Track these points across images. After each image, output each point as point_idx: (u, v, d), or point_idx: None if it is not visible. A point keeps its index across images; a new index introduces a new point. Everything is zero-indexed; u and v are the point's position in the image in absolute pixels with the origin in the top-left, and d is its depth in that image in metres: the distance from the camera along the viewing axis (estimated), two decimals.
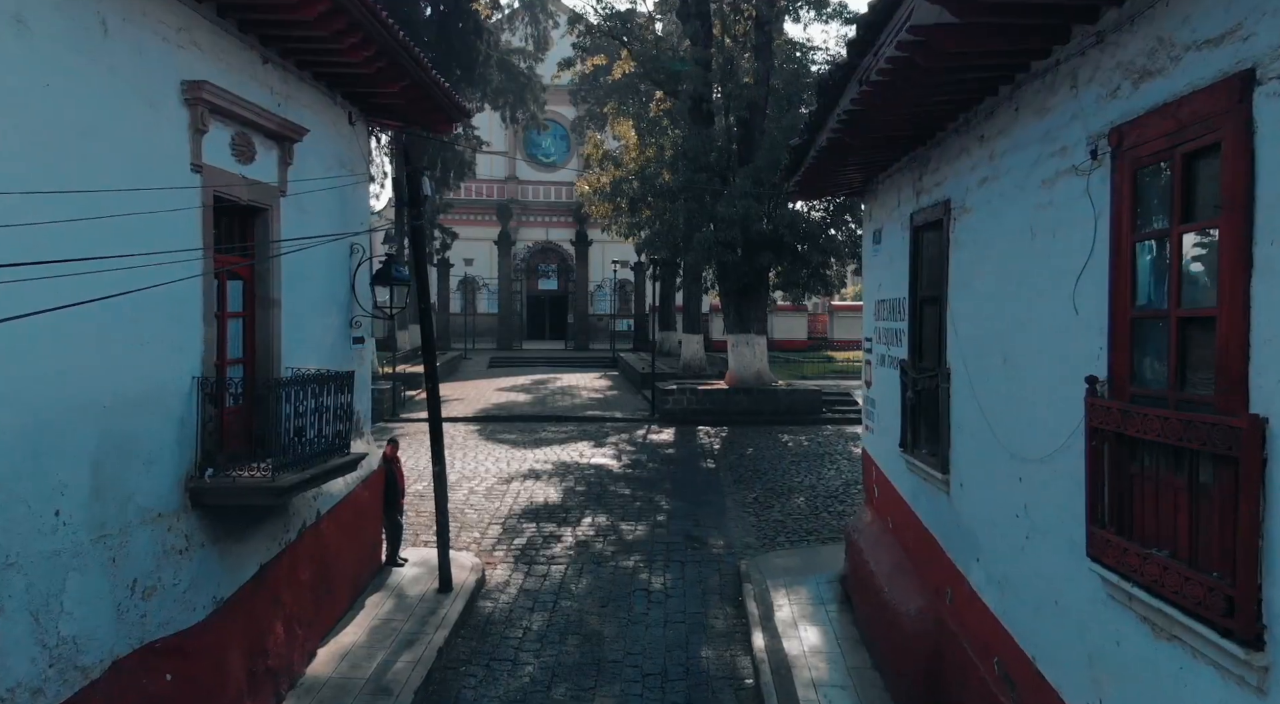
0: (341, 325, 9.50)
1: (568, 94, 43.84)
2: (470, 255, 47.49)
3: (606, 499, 13.59)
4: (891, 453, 8.38)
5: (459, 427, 20.41)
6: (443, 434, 10.09)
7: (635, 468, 15.85)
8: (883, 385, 8.82)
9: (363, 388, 10.10)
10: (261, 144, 7.70)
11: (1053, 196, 5.01)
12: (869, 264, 9.60)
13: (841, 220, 20.79)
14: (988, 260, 6.01)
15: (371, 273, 9.82)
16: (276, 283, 7.99)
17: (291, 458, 7.12)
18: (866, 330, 9.78)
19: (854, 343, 42.25)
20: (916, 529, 7.62)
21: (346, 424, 8.06)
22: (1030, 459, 5.22)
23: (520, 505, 13.19)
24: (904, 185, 8.13)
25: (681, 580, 10.29)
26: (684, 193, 19.99)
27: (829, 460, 16.28)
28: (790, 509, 12.94)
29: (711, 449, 17.86)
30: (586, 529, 12.11)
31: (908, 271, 7.84)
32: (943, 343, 6.94)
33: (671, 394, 21.77)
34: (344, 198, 9.52)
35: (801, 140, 8.24)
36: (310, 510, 8.38)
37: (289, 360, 8.15)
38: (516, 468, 15.62)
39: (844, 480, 14.54)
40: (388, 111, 10.27)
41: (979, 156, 6.20)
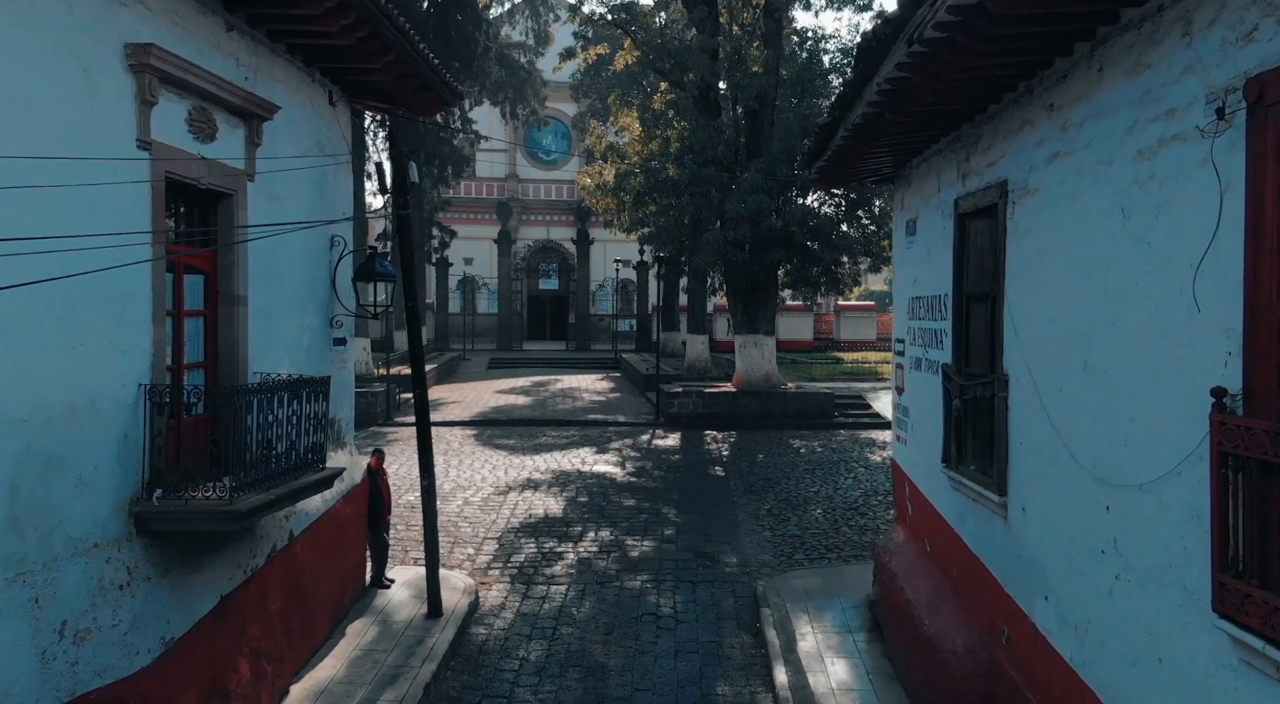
0: (320, 325, 8.65)
1: (569, 90, 43.06)
2: (470, 255, 46.75)
3: (610, 511, 12.73)
4: (930, 468, 7.52)
5: (455, 431, 19.56)
6: (431, 444, 9.24)
7: (640, 476, 14.99)
8: (919, 392, 7.96)
9: (344, 394, 9.25)
10: (225, 121, 6.84)
11: (1154, 170, 4.14)
12: (901, 258, 8.73)
13: (854, 216, 19.92)
14: (1060, 249, 5.15)
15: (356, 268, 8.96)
16: (242, 277, 7.14)
17: (256, 475, 6.27)
18: (897, 331, 8.91)
19: (861, 344, 41.37)
20: (962, 555, 6.75)
21: (322, 435, 7.20)
22: (1123, 485, 4.36)
23: (518, 518, 12.33)
24: (945, 168, 7.27)
25: (693, 604, 9.43)
26: (690, 187, 19.12)
27: (845, 468, 15.41)
28: (807, 523, 12.07)
29: (720, 455, 16.99)
30: (589, 545, 11.25)
31: (951, 265, 6.98)
32: (997, 345, 6.08)
33: (677, 397, 20.91)
34: (323, 185, 8.66)
35: (830, 118, 7.38)
36: (282, 531, 7.52)
37: (258, 364, 7.31)
38: (515, 476, 14.76)
39: (863, 490, 13.67)
40: (373, 92, 9.41)
41: (1046, 129, 5.34)
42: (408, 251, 8.93)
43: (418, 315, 9.09)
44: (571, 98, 43.51)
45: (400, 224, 8.79)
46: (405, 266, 8.95)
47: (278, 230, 6.99)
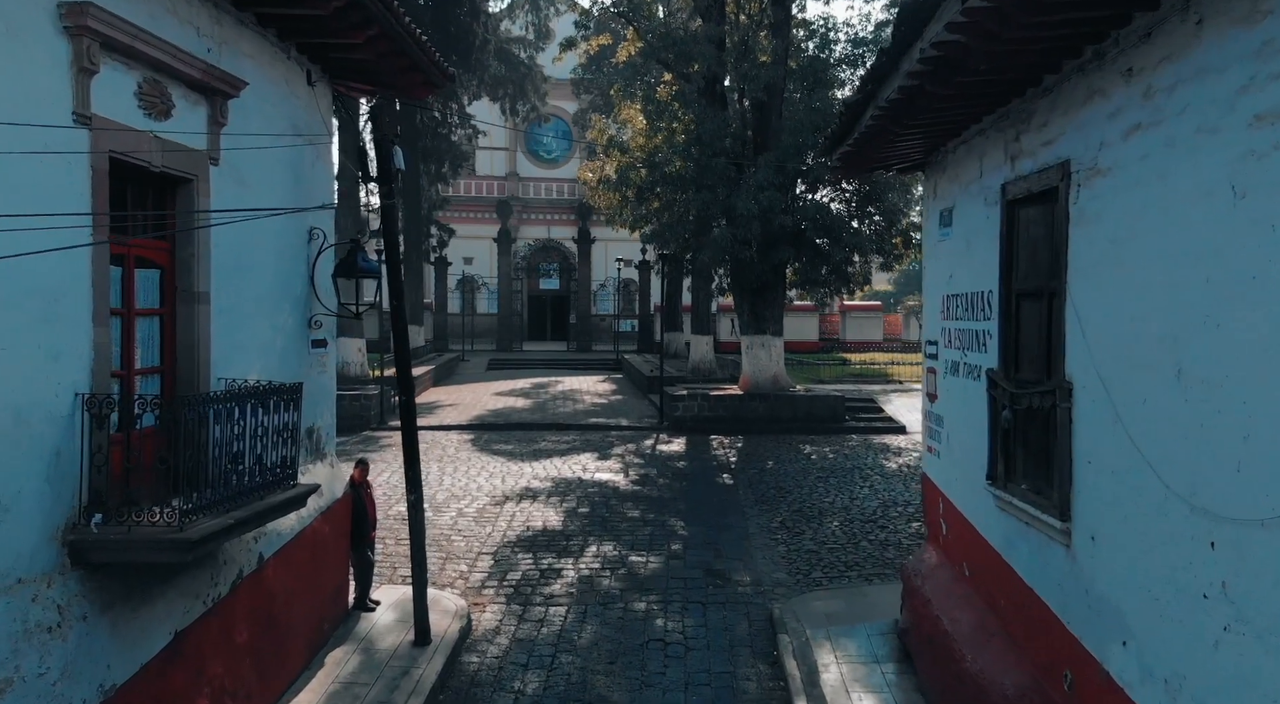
0: (297, 326, 7.91)
1: (570, 87, 42.37)
2: (470, 254, 46.09)
3: (613, 523, 11.98)
4: (970, 485, 6.77)
5: (451, 436, 18.81)
6: (418, 456, 8.49)
7: (644, 484, 14.24)
8: (956, 399, 7.21)
9: (324, 400, 8.51)
10: (183, 97, 6.10)
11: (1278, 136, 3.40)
12: (933, 252, 7.98)
13: (865, 212, 19.15)
14: (1143, 236, 4.39)
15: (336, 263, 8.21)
16: (204, 272, 6.40)
17: (215, 496, 5.53)
18: (929, 331, 8.16)
19: (867, 344, 40.59)
20: (1011, 585, 6.00)
21: (293, 448, 6.46)
22: (1235, 519, 3.61)
23: (515, 531, 11.58)
24: (989, 150, 6.52)
25: (704, 628, 8.68)
26: (696, 181, 18.36)
27: (860, 476, 14.66)
28: (824, 536, 11.32)
29: (727, 462, 16.24)
30: (591, 561, 10.50)
31: (998, 257, 6.23)
32: (1057, 348, 5.33)
33: (681, 400, 20.16)
34: (299, 172, 7.92)
35: (860, 95, 6.63)
36: (250, 555, 6.77)
37: (224, 369, 6.57)
38: (512, 485, 14.01)
39: (881, 501, 12.91)
40: (357, 72, 8.67)
41: (1123, 98, 4.59)
42: (393, 244, 8.19)
43: (403, 315, 8.35)
44: (573, 94, 42.79)
45: (385, 214, 8.04)
46: (390, 261, 8.20)
47: (241, 217, 6.24)
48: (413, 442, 8.31)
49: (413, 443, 8.32)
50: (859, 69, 19.09)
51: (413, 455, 8.28)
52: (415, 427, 8.38)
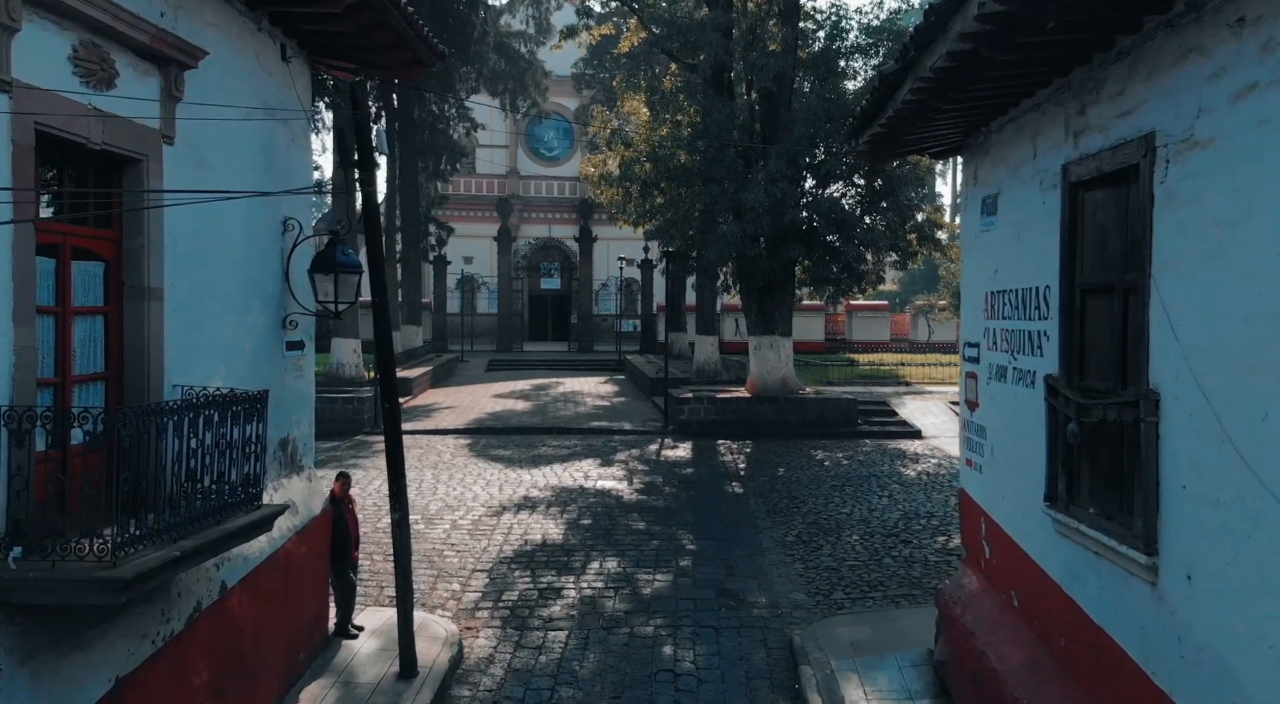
0: (269, 326, 7.16)
1: (571, 82, 41.65)
2: (469, 253, 45.40)
3: (617, 536, 11.23)
4: (1022, 505, 6.01)
5: (448, 441, 18.07)
6: (404, 470, 7.74)
7: (650, 493, 13.49)
8: (1003, 408, 6.45)
9: (301, 408, 7.77)
10: (130, 65, 5.36)
11: None
12: (974, 244, 7.22)
13: (878, 207, 18.36)
14: (1259, 218, 3.64)
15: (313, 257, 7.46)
16: (156, 265, 5.65)
17: (161, 523, 4.79)
18: (968, 332, 7.40)
19: (874, 345, 39.79)
20: (1075, 622, 5.24)
21: (257, 465, 5.71)
22: None
23: (512, 546, 10.83)
24: (1046, 127, 5.76)
25: (717, 657, 7.92)
26: (703, 175, 17.59)
27: (877, 485, 13.89)
28: (843, 551, 10.56)
29: (736, 469, 15.48)
30: (593, 579, 9.75)
31: (1057, 248, 5.47)
32: (1137, 352, 4.58)
33: (687, 403, 19.41)
34: (272, 157, 7.18)
35: (897, 67, 5.87)
36: (209, 585, 6.02)
37: (180, 375, 5.83)
38: (510, 494, 13.26)
39: (902, 512, 12.15)
40: (339, 48, 7.91)
41: (1232, 54, 3.83)
42: (375, 236, 7.44)
43: (387, 314, 7.59)
44: (574, 90, 42.10)
45: (365, 202, 7.29)
46: (373, 254, 7.45)
47: (196, 199, 5.50)
48: (397, 454, 7.56)
49: (397, 455, 7.57)
50: (872, 58, 18.32)
51: (397, 469, 7.53)
52: (400, 438, 7.65)
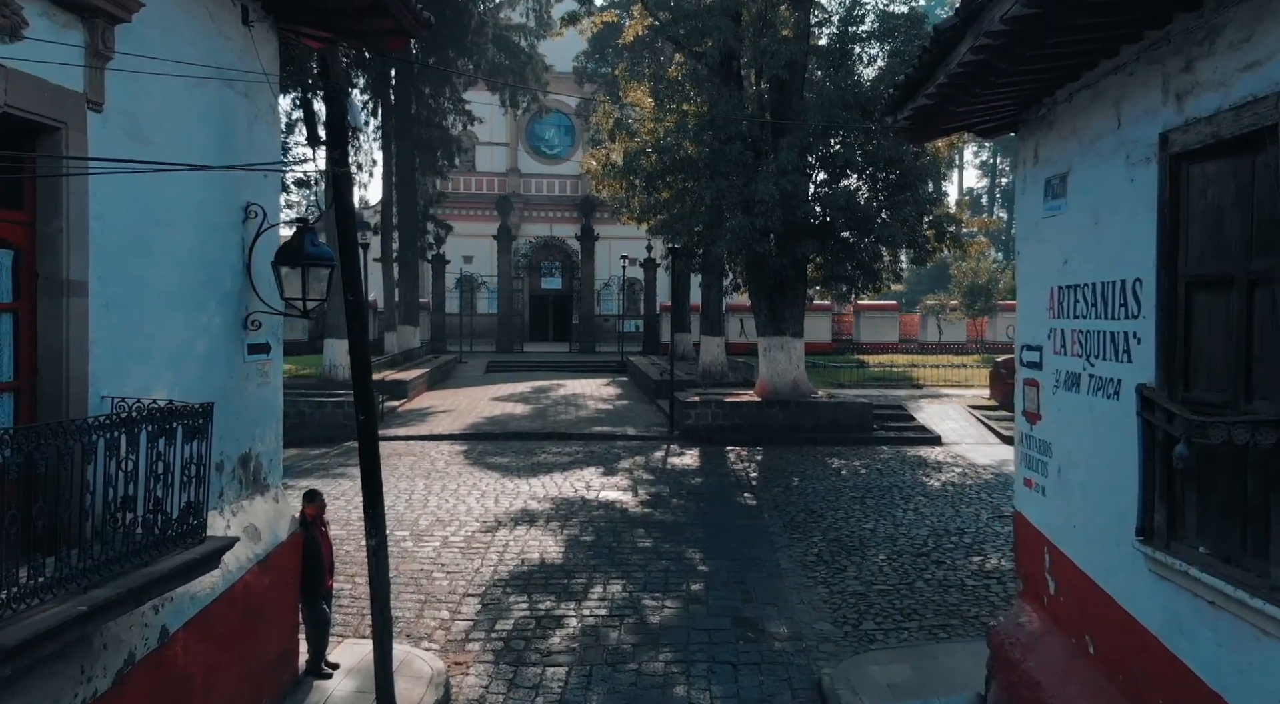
0: (226, 327, 6.26)
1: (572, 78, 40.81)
2: (469, 252, 44.63)
3: (621, 554, 10.33)
4: (1101, 536, 5.11)
5: (442, 447, 17.18)
6: (381, 491, 6.81)
7: (656, 506, 12.59)
8: (1076, 422, 5.54)
9: (266, 420, 6.87)
10: (43, 14, 4.47)
11: None
12: (1035, 232, 6.30)
13: (893, 200, 17.44)
14: None
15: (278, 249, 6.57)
16: (79, 254, 4.76)
17: (68, 570, 3.90)
18: (1026, 333, 6.48)
19: (883, 346, 38.88)
20: (1181, 684, 4.33)
21: (199, 491, 4.82)
22: None
23: (508, 566, 9.93)
24: (1135, 89, 4.85)
25: (736, 699, 7.02)
26: (710, 167, 16.69)
27: (900, 496, 12.99)
28: (870, 573, 9.65)
29: (748, 478, 14.58)
30: (596, 605, 8.84)
31: (1155, 233, 4.56)
32: (1265, 359, 3.68)
33: (694, 407, 18.50)
34: (229, 132, 6.28)
35: (957, 20, 4.96)
36: (145, 632, 5.12)
37: (111, 384, 4.94)
38: (506, 507, 12.36)
39: (930, 528, 11.23)
40: (311, 12, 7.01)
41: None
42: (347, 223, 6.54)
43: (363, 313, 6.68)
44: (575, 85, 41.19)
45: (336, 184, 6.39)
46: (344, 244, 6.54)
47: (124, 169, 4.61)
48: (374, 472, 6.65)
49: (374, 473, 6.66)
50: (889, 44, 17.39)
51: (374, 489, 6.61)
52: (376, 453, 6.72)
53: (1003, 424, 18.60)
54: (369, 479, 6.58)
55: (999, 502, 12.58)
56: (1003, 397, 20.44)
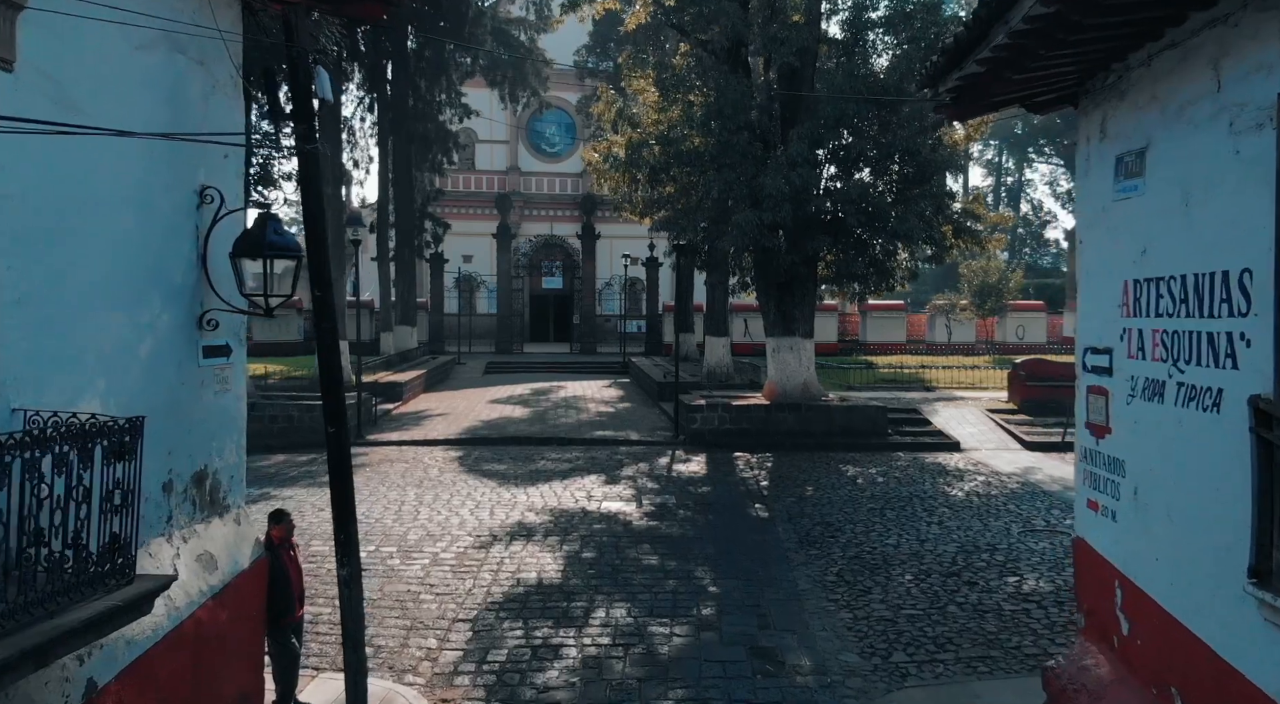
0: (176, 326, 5.49)
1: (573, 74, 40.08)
2: (469, 251, 43.90)
3: (625, 573, 9.55)
4: (1197, 573, 4.32)
5: (436, 453, 16.40)
6: (354, 512, 6.03)
7: (662, 518, 11.81)
8: (1156, 436, 4.75)
9: (226, 431, 6.09)
10: None
11: None
12: (1102, 218, 5.51)
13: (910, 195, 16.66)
14: None
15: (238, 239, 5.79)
16: None
17: None
18: (1089, 334, 5.70)
19: (889, 347, 38.07)
20: None
21: (129, 523, 4.05)
22: None
23: (502, 586, 9.15)
24: (1240, 43, 4.07)
25: None
26: (718, 159, 15.91)
27: (922, 507, 12.21)
28: (897, 595, 8.87)
29: (758, 487, 13.80)
30: (598, 632, 8.06)
31: (1272, 214, 3.78)
32: None
33: (699, 411, 17.71)
34: (180, 102, 5.51)
35: None
36: (65, 688, 4.34)
37: (25, 394, 4.19)
38: (502, 519, 11.59)
39: (958, 544, 10.45)
40: None
41: None
42: (315, 209, 5.76)
43: (330, 312, 5.91)
44: (576, 80, 40.48)
45: (303, 163, 5.61)
46: (311, 232, 5.77)
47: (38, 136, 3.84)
48: (345, 493, 5.87)
49: (345, 494, 5.88)
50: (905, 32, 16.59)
51: (345, 512, 5.83)
52: (348, 471, 5.94)
53: (1023, 429, 17.82)
54: (340, 500, 5.81)
55: (1029, 513, 11.79)
56: (1022, 400, 19.66)
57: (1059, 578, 9.17)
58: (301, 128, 5.58)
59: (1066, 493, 13.06)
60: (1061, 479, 13.97)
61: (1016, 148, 63.52)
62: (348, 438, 5.91)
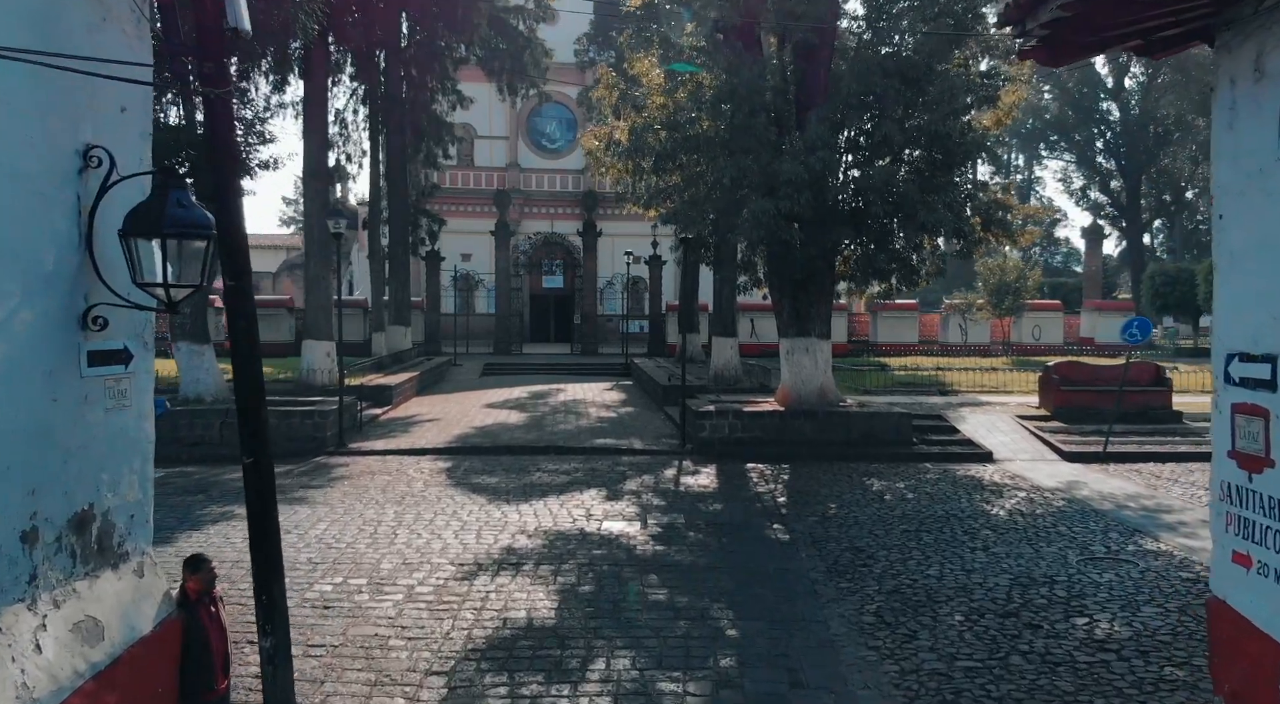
0: (49, 325, 4.21)
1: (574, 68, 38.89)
2: (468, 250, 42.77)
3: (629, 612, 8.25)
4: None
5: (423, 464, 15.13)
6: (280, 566, 4.74)
7: (670, 541, 10.53)
8: None
9: (121, 459, 4.80)
10: None
11: None
12: (1253, 183, 4.22)
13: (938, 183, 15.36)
14: None
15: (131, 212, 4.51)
16: None
17: None
18: (1236, 336, 4.40)
19: (901, 347, 36.76)
20: None
21: None
22: None
23: (486, 629, 7.85)
24: None
25: None
26: (730, 144, 14.62)
27: (961, 529, 10.91)
28: (948, 641, 7.56)
29: (775, 504, 12.51)
30: (597, 691, 6.76)
31: None
32: None
33: (708, 418, 16.42)
34: (54, 32, 4.23)
35: None
36: None
37: None
38: (490, 543, 10.30)
39: (1010, 576, 9.14)
40: None
41: None
42: (226, 169, 4.48)
43: (246, 306, 4.63)
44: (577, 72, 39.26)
45: (209, 111, 4.34)
46: (222, 201, 4.48)
47: None
48: (267, 544, 4.57)
49: (267, 546, 4.58)
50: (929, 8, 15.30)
51: (269, 568, 4.54)
52: (272, 518, 4.66)
53: (1060, 437, 16.51)
54: (263, 555, 4.52)
55: (1083, 537, 10.49)
56: (1056, 406, 18.33)
57: (1135, 620, 7.87)
58: (208, 66, 4.30)
59: (1120, 512, 11.75)
60: (1110, 496, 12.67)
61: (1027, 143, 62.14)
62: (270, 472, 4.62)
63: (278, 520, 4.76)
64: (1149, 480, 13.82)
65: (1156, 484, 13.55)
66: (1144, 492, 13.00)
